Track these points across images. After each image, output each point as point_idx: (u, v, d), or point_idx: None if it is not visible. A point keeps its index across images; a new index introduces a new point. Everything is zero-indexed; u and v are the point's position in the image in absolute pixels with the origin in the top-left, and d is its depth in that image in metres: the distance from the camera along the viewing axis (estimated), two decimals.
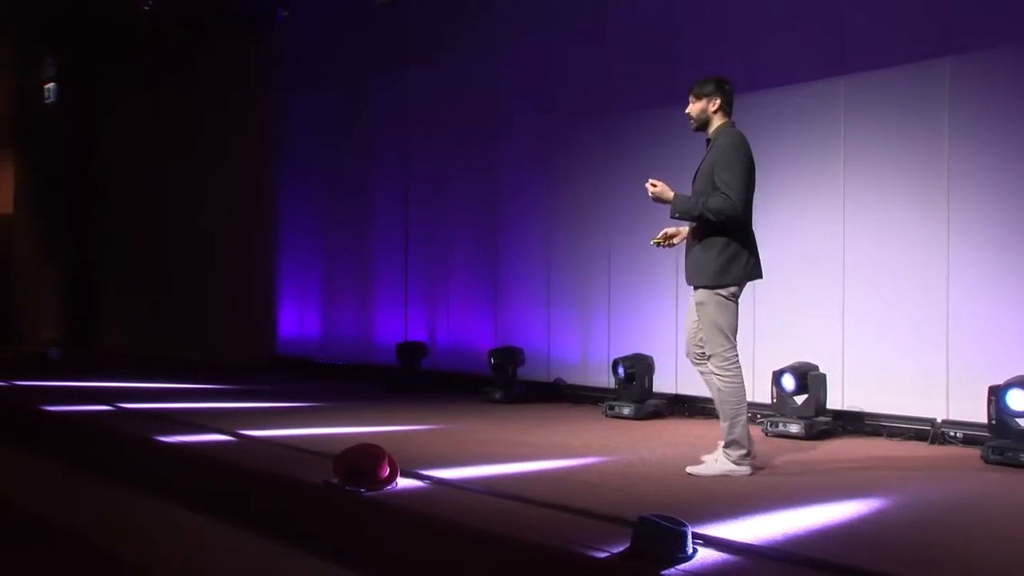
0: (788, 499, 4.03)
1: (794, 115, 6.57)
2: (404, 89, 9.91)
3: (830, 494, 4.15)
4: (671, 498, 4.07)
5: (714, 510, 3.74)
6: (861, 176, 6.22)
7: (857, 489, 4.27)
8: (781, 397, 6.04)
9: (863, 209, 6.19)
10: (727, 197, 4.44)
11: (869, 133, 6.19)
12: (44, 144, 15.95)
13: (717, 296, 4.54)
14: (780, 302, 6.58)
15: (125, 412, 7.01)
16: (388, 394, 8.59)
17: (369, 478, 4.10)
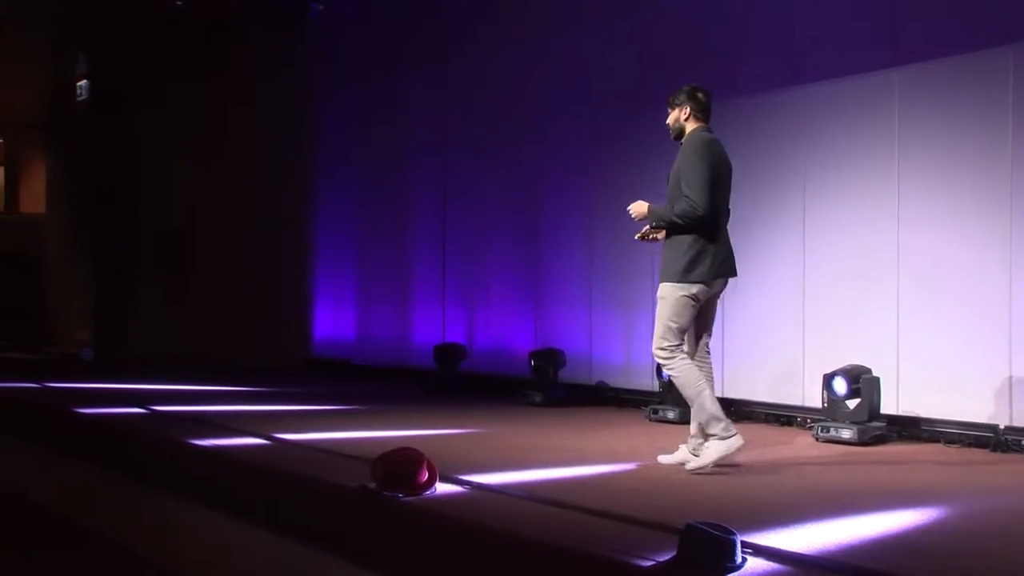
0: (840, 507, 4.00)
1: (845, 109, 6.50)
2: (441, 85, 9.95)
3: (885, 503, 4.11)
4: (719, 505, 4.05)
5: (763, 518, 3.72)
6: (917, 171, 6.14)
7: (914, 498, 4.23)
8: (832, 401, 5.99)
9: (918, 205, 6.12)
10: (689, 200, 4.78)
11: (925, 127, 6.10)
12: (76, 143, 16.20)
13: (678, 293, 4.81)
14: (831, 302, 6.53)
15: (158, 415, 7.11)
16: (426, 397, 8.63)
17: (407, 483, 4.12)
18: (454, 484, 4.42)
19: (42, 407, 7.86)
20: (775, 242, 6.90)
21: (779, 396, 6.82)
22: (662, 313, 4.83)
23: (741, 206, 7.10)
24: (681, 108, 5.00)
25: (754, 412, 6.97)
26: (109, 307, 15.61)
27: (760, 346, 6.97)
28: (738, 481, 4.59)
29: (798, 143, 6.77)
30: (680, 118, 5.01)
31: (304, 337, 11.69)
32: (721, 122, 7.28)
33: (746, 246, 7.07)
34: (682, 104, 5.00)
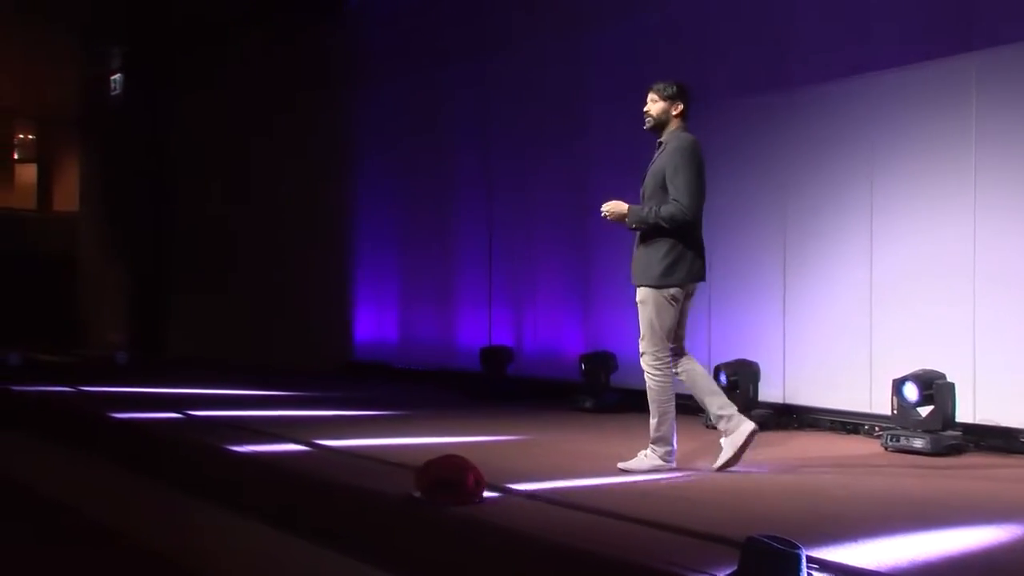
0: (913, 521, 3.95)
1: (917, 99, 6.41)
2: (484, 77, 9.98)
3: (962, 517, 4.06)
4: (782, 517, 4.02)
5: (829, 531, 3.69)
6: (996, 164, 6.03)
7: (993, 513, 4.16)
8: (903, 408, 5.92)
9: (998, 200, 6.01)
10: (678, 204, 4.91)
11: (1006, 116, 5.99)
12: (111, 139, 16.45)
13: (659, 297, 4.97)
14: (901, 303, 6.45)
15: (195, 420, 7.21)
16: (471, 402, 8.66)
17: (454, 491, 4.14)
18: (502, 493, 4.43)
19: (76, 411, 8.01)
20: (840, 239, 6.83)
21: (845, 403, 6.75)
22: (648, 318, 4.98)
23: (804, 203, 7.09)
24: (674, 103, 5.07)
25: (818, 419, 6.91)
26: (145, 309, 15.84)
27: (824, 349, 6.91)
28: (803, 492, 4.56)
29: (865, 136, 6.69)
30: (670, 112, 5.08)
31: (345, 340, 11.78)
32: (773, 115, 7.29)
33: (809, 244, 7.04)
34: (675, 99, 5.07)
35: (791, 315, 7.10)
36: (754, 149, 7.40)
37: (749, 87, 7.46)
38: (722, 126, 7.65)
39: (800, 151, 7.10)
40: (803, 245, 7.08)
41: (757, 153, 7.39)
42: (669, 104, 5.08)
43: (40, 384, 9.65)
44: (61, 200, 20.12)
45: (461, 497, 4.15)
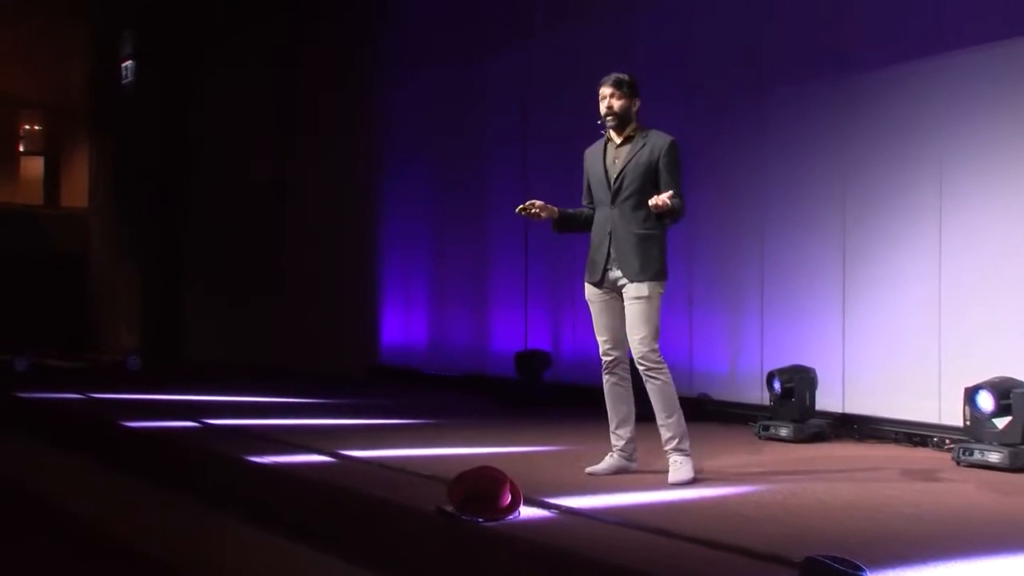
0: (988, 544, 3.90)
1: (991, 84, 6.32)
2: (523, 64, 9.98)
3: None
4: (842, 535, 3.99)
5: (896, 551, 3.66)
6: None
7: None
8: (976, 419, 5.85)
9: None
10: (682, 202, 5.16)
11: None
12: (123, 130, 16.58)
13: (657, 292, 5.16)
14: (973, 303, 6.38)
15: (212, 428, 7.26)
16: (506, 410, 8.67)
17: (489, 506, 4.14)
18: (540, 508, 4.42)
19: (87, 419, 8.10)
20: (906, 236, 6.77)
21: (911, 412, 6.68)
22: (647, 315, 5.11)
23: (866, 198, 7.03)
24: (633, 101, 5.29)
25: (881, 430, 6.85)
26: (161, 311, 15.95)
27: (888, 354, 6.85)
28: (866, 508, 4.52)
29: (933, 125, 6.61)
30: (631, 109, 5.29)
31: (371, 343, 11.83)
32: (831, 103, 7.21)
33: (872, 240, 6.98)
34: (634, 97, 5.29)
35: (852, 318, 7.04)
36: (810, 141, 7.34)
37: (806, 72, 7.39)
38: (776, 115, 7.61)
39: (861, 143, 7.04)
40: (865, 242, 7.02)
41: (814, 146, 7.33)
42: (629, 101, 5.28)
43: (48, 391, 9.76)
44: (70, 195, 20.29)
45: (496, 512, 4.15)
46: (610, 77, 5.29)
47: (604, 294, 5.27)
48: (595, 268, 5.28)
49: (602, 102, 5.29)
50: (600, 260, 5.25)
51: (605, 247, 5.23)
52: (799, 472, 5.54)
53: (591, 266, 5.31)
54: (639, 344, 5.13)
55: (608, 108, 5.28)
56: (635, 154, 5.22)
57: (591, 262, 5.32)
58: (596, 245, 5.29)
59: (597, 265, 5.27)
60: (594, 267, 5.29)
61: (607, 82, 5.29)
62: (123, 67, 16.37)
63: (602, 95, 5.29)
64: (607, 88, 5.29)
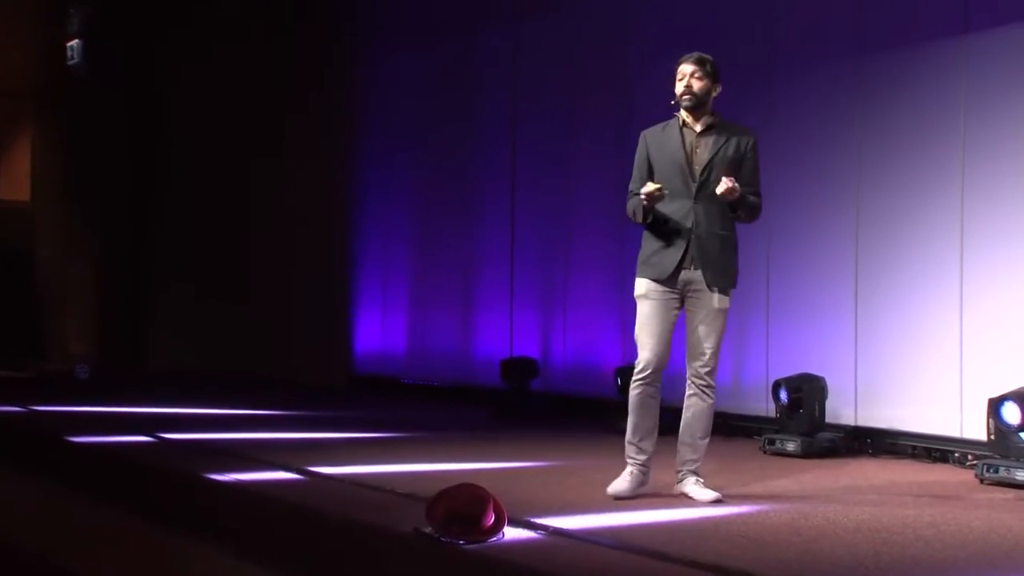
0: (1019, 569, 3.94)
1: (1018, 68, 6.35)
2: (514, 47, 9.97)
3: None
4: (856, 559, 4.00)
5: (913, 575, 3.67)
6: None
7: None
8: (1002, 433, 5.87)
9: None
10: (761, 201, 5.22)
11: None
12: (71, 116, 16.46)
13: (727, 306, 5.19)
14: (997, 310, 6.40)
15: (170, 444, 7.22)
16: (491, 422, 8.69)
17: (471, 526, 4.14)
18: (526, 528, 4.43)
19: (27, 433, 8.05)
20: (924, 232, 6.80)
21: (930, 426, 6.71)
22: (721, 328, 5.14)
23: (881, 195, 7.05)
24: (715, 85, 5.17)
25: (897, 444, 6.88)
26: (115, 315, 15.85)
27: (905, 363, 6.87)
28: (881, 529, 4.54)
29: (955, 113, 6.64)
30: (711, 94, 5.17)
31: (345, 351, 11.81)
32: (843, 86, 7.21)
33: (887, 238, 7.00)
34: (715, 81, 5.17)
35: (865, 325, 7.06)
36: (820, 132, 7.36)
37: (818, 52, 7.40)
38: (785, 104, 7.61)
39: (875, 133, 7.06)
40: (879, 240, 7.05)
41: (823, 137, 7.35)
42: (711, 84, 5.15)
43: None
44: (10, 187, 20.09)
45: (479, 533, 4.15)
46: (692, 55, 5.15)
47: (667, 293, 5.11)
48: (666, 264, 5.10)
49: (679, 80, 5.15)
50: (675, 257, 5.07)
51: (683, 244, 5.07)
52: (808, 490, 5.55)
53: (658, 261, 5.12)
54: (709, 358, 5.12)
55: (687, 88, 5.13)
56: (721, 146, 5.13)
57: (658, 256, 5.12)
58: (669, 239, 5.10)
59: (669, 261, 5.08)
60: (664, 262, 5.10)
61: (689, 59, 5.15)
62: (69, 47, 16.22)
63: (681, 73, 5.15)
64: (689, 65, 5.14)
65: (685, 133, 5.17)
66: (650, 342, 5.10)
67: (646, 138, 5.27)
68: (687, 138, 5.15)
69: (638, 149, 5.29)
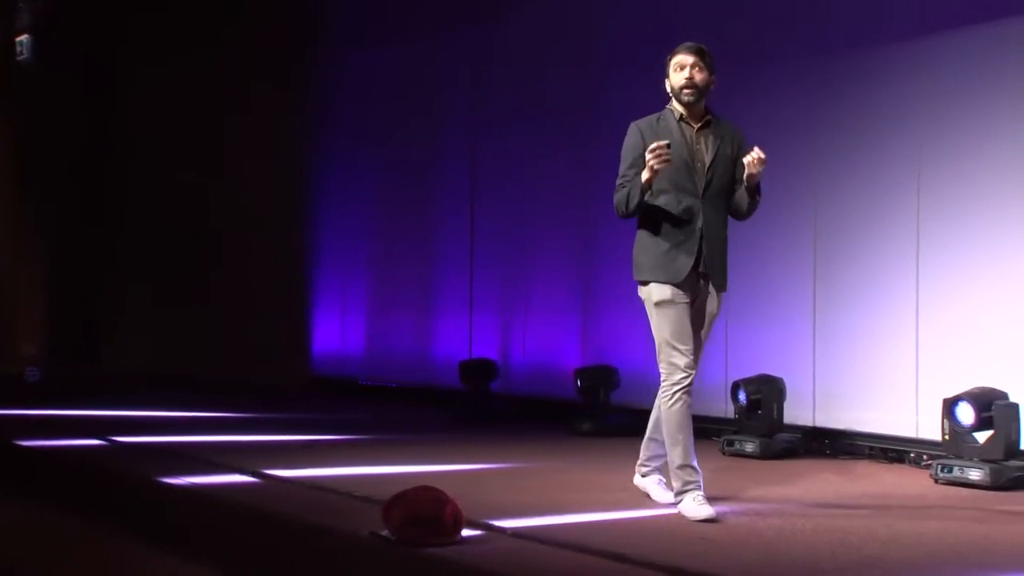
0: (973, 567, 3.97)
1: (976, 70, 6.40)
2: (476, 47, 9.93)
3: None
4: (814, 560, 4.02)
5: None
6: None
7: None
8: (956, 433, 5.91)
9: None
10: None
11: None
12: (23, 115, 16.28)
13: None
14: (953, 311, 6.45)
15: (123, 447, 7.15)
16: (449, 424, 8.67)
17: (429, 529, 4.14)
18: (484, 531, 4.42)
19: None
20: (881, 236, 6.83)
21: (887, 426, 6.75)
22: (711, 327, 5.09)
23: (840, 194, 7.09)
24: (712, 78, 4.97)
25: (855, 445, 6.91)
26: (67, 316, 15.69)
27: (863, 364, 6.90)
28: (838, 531, 4.55)
29: (912, 116, 6.68)
30: (709, 87, 4.97)
31: (302, 352, 11.74)
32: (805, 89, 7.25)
33: (845, 241, 7.04)
34: (713, 73, 4.98)
35: (823, 327, 7.09)
36: (779, 134, 7.37)
37: (782, 52, 7.43)
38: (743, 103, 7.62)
39: (835, 136, 7.08)
40: (837, 242, 7.08)
41: (782, 138, 7.36)
42: (710, 77, 4.96)
43: None
44: None
45: (436, 536, 4.14)
46: (691, 45, 4.93)
47: (686, 296, 4.90)
48: (680, 265, 4.88)
49: (679, 71, 4.90)
50: (689, 257, 4.87)
51: (695, 244, 4.87)
52: (767, 492, 5.56)
53: (671, 263, 4.89)
54: (699, 356, 5.02)
55: (689, 80, 4.88)
56: (720, 143, 4.96)
57: (670, 258, 4.89)
58: (680, 239, 4.88)
59: (684, 262, 4.87)
60: (679, 264, 4.88)
61: (689, 50, 4.91)
62: (18, 42, 16.04)
63: (681, 63, 4.90)
64: (689, 56, 4.90)
65: (683, 129, 4.95)
66: (685, 347, 4.88)
67: (641, 129, 5.00)
68: (686, 133, 4.95)
69: (630, 141, 5.04)
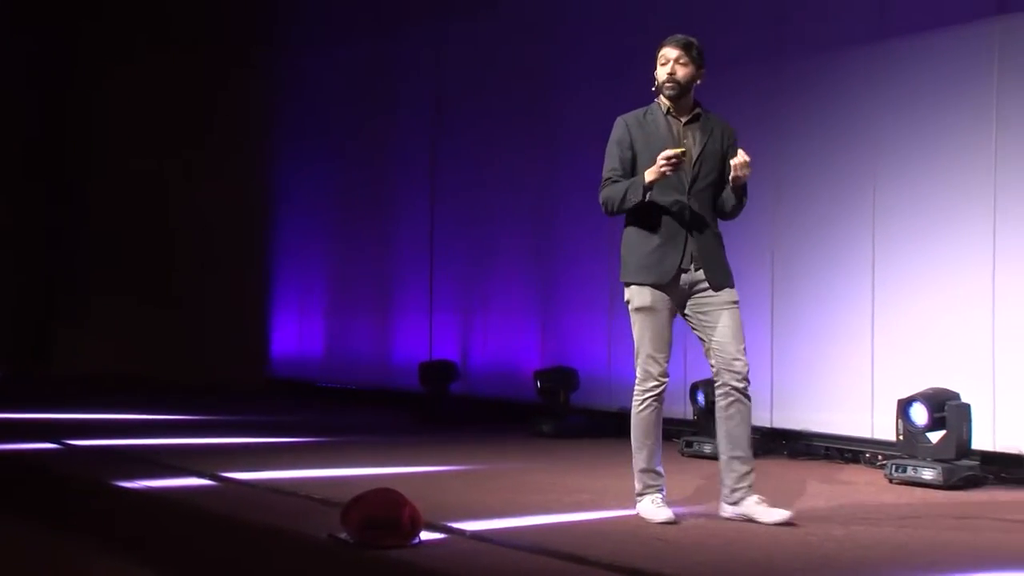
0: (927, 567, 3.98)
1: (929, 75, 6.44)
2: (435, 48, 9.93)
3: (982, 562, 4.08)
4: (770, 560, 4.03)
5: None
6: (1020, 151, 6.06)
7: (1018, 557, 4.20)
8: (910, 433, 5.96)
9: (1020, 191, 6.04)
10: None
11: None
12: None
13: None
14: (908, 313, 6.49)
15: (77, 451, 7.08)
16: (409, 426, 8.66)
17: (388, 531, 4.12)
18: (443, 533, 4.41)
19: None
20: (837, 239, 6.87)
21: (843, 427, 6.79)
22: (739, 322, 4.80)
23: (794, 199, 7.12)
24: (700, 71, 4.80)
25: (811, 446, 6.95)
26: (25, 317, 15.50)
27: (820, 368, 6.94)
28: (794, 531, 4.56)
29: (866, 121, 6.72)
30: (695, 81, 4.79)
31: (260, 354, 11.68)
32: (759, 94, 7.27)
33: (801, 243, 7.07)
34: (700, 67, 4.80)
35: (780, 328, 7.12)
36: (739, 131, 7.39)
37: (734, 56, 7.45)
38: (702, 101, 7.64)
39: (791, 137, 7.12)
40: (793, 245, 7.11)
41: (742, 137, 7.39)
42: (696, 71, 4.78)
43: None
44: None
45: (394, 538, 4.12)
46: (677, 38, 4.76)
47: (671, 301, 4.76)
48: (667, 266, 4.71)
49: (662, 66, 4.76)
50: (675, 257, 4.70)
51: (681, 243, 4.70)
52: None
53: (658, 264, 4.73)
54: (744, 356, 4.74)
55: (670, 75, 4.73)
56: (708, 138, 4.79)
57: (657, 258, 4.73)
58: (665, 239, 4.72)
59: (670, 263, 4.71)
60: (665, 265, 4.71)
61: (674, 43, 4.75)
62: None
63: (664, 57, 4.76)
64: (673, 49, 4.74)
65: (670, 123, 4.80)
66: (661, 355, 4.81)
67: (627, 124, 4.86)
68: (673, 128, 4.80)
69: (616, 135, 4.88)
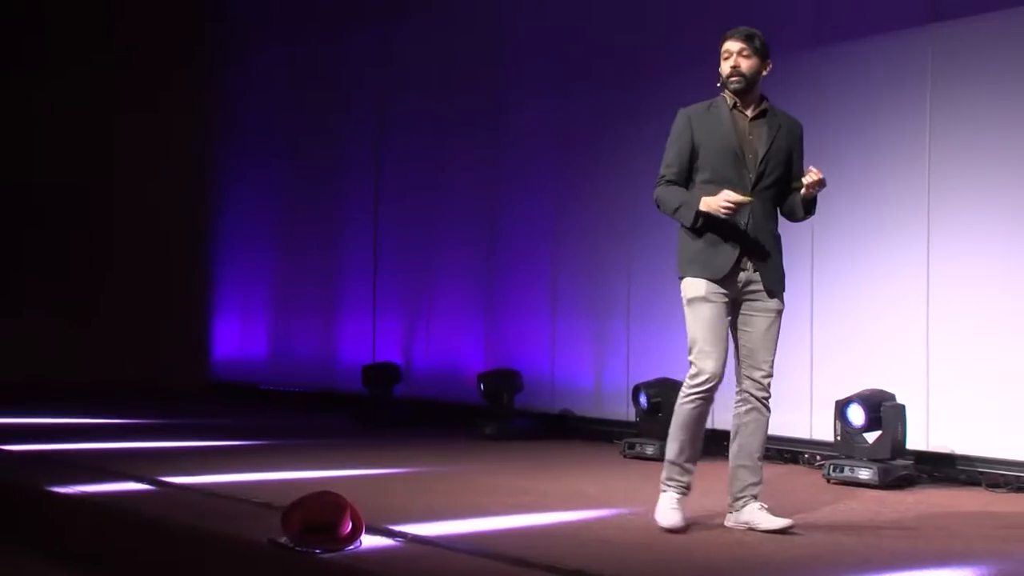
0: (863, 565, 3.99)
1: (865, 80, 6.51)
2: (382, 49, 9.89)
3: (917, 560, 4.11)
4: (709, 559, 4.04)
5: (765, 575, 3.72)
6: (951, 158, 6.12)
7: (951, 554, 4.23)
8: (847, 434, 6.01)
9: (954, 200, 6.12)
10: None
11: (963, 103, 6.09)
12: None
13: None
14: (845, 316, 6.55)
15: (11, 455, 6.98)
16: (352, 429, 8.63)
17: (327, 535, 4.08)
18: (385, 536, 4.38)
19: None
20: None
21: (781, 427, 6.75)
22: (778, 337, 4.66)
23: None
24: (764, 64, 4.60)
25: None
26: None
27: None
28: (733, 531, 4.58)
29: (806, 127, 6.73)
30: (760, 74, 4.60)
31: (201, 356, 11.57)
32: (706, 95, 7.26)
33: None
34: (765, 59, 4.59)
35: None
36: None
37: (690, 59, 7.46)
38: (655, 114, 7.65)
39: None
40: None
41: None
42: (761, 63, 4.58)
43: None
44: None
45: (335, 542, 4.09)
46: (739, 30, 4.59)
47: (725, 296, 4.57)
48: (722, 261, 4.54)
49: (725, 60, 4.59)
50: (731, 255, 4.53)
51: (739, 241, 4.54)
52: None
53: (710, 259, 4.57)
54: (770, 368, 4.64)
55: (734, 68, 4.55)
56: (775, 135, 4.61)
57: (709, 254, 4.58)
58: (722, 234, 4.55)
59: (724, 260, 4.54)
60: (718, 261, 4.55)
61: (736, 35, 4.58)
62: None
63: (727, 51, 4.58)
64: (736, 43, 4.57)
65: (736, 117, 4.62)
66: (715, 350, 4.58)
67: (690, 117, 4.66)
68: (739, 123, 4.61)
69: (677, 128, 4.69)
